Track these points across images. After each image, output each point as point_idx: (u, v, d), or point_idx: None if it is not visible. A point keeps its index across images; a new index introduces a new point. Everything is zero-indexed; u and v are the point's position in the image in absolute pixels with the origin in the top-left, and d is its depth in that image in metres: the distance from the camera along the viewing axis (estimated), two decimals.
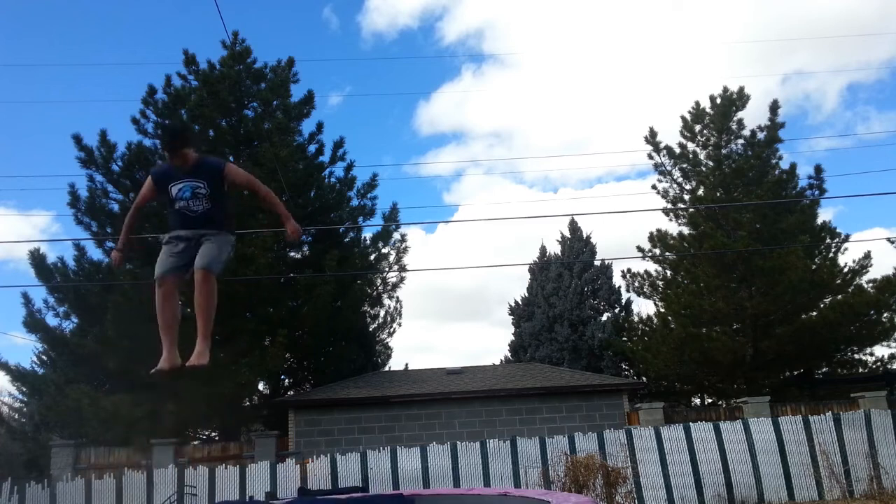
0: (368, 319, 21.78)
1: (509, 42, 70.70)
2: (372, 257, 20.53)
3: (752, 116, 40.10)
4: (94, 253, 17.72)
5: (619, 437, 13.49)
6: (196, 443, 17.26)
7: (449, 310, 56.33)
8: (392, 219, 20.22)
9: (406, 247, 21.06)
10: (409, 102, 76.31)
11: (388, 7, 78.19)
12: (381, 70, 66.30)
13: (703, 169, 20.30)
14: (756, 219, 18.70)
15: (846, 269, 19.16)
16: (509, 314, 29.90)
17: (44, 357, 21.11)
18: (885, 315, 18.57)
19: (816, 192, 19.52)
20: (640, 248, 20.85)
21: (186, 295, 4.43)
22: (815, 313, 18.70)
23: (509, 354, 28.88)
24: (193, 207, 4.37)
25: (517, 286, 44.47)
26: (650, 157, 21.02)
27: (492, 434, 14.76)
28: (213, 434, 19.27)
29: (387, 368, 23.19)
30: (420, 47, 66.75)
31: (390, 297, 22.15)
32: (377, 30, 77.21)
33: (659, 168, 21.04)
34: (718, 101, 20.31)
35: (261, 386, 18.90)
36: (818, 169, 19.45)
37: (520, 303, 29.53)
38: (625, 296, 26.51)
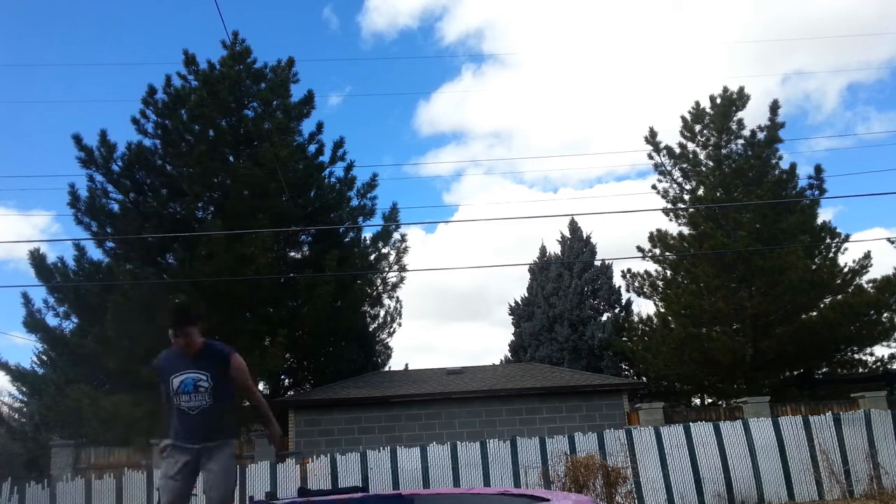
0: (368, 319, 21.78)
1: (509, 42, 70.73)
2: (372, 257, 20.52)
3: (752, 116, 40.09)
4: (94, 253, 17.67)
5: (619, 437, 13.47)
6: None
7: (449, 310, 56.41)
8: (392, 219, 20.20)
9: (406, 247, 21.03)
10: (409, 102, 76.34)
11: (388, 7, 78.19)
12: (381, 70, 66.35)
13: (703, 169, 20.30)
14: (756, 219, 18.69)
15: (846, 269, 19.16)
16: (509, 314, 29.90)
17: (44, 357, 21.14)
18: (885, 315, 18.56)
19: (816, 192, 19.52)
20: (640, 248, 20.87)
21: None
22: (815, 313, 18.69)
23: (509, 354, 28.87)
24: (194, 404, 4.17)
25: (517, 286, 44.55)
26: (650, 157, 21.05)
27: (492, 434, 14.75)
28: None
29: (387, 368, 23.20)
30: (420, 47, 66.77)
31: (390, 297, 22.17)
32: (377, 30, 77.21)
33: (659, 168, 21.06)
34: (718, 101, 20.31)
35: (261, 386, 18.90)
36: (818, 169, 19.47)
37: (520, 303, 29.53)
38: (625, 296, 26.52)
